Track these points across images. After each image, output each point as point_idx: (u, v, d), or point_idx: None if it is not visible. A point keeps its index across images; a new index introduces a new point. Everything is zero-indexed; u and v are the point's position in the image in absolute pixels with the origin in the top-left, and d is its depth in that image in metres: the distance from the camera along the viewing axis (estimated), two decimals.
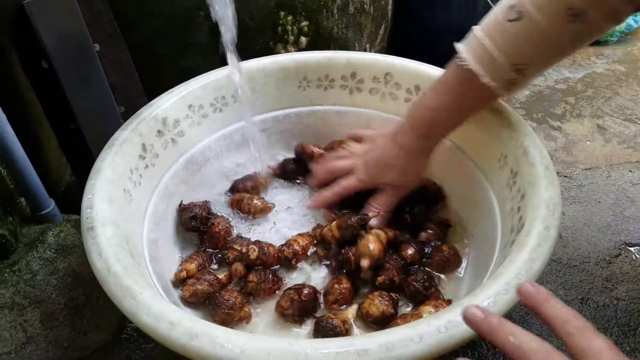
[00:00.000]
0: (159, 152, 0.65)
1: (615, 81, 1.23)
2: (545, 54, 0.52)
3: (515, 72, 0.52)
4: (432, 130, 0.60)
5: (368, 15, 0.97)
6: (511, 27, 0.50)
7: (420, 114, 0.60)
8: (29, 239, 0.72)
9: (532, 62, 0.52)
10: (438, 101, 0.58)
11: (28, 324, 0.64)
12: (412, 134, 0.61)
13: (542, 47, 0.51)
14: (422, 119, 0.60)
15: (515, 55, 0.51)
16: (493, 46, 0.51)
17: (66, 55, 0.69)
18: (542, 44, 0.51)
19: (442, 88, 0.58)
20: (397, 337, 0.40)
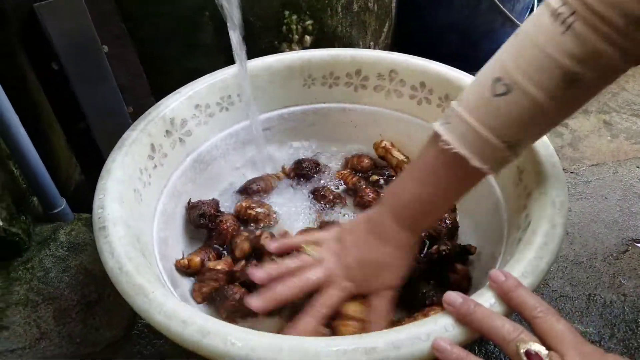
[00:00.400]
0: (167, 151, 0.65)
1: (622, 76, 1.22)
2: (541, 125, 0.47)
3: (508, 150, 0.47)
4: (420, 221, 0.54)
5: (372, 14, 0.97)
6: (499, 102, 0.45)
7: (404, 204, 0.53)
8: (41, 237, 0.74)
9: (526, 136, 0.47)
10: (422, 189, 0.52)
11: (41, 320, 0.65)
12: (398, 227, 0.53)
13: (537, 118, 0.46)
14: (407, 210, 0.53)
15: (507, 133, 0.46)
16: (480, 125, 0.46)
17: (76, 56, 0.70)
18: (538, 116, 0.45)
19: (425, 175, 0.51)
20: (405, 335, 0.41)
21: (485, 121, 0.46)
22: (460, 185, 0.51)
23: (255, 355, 0.39)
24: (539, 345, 0.38)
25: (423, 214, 0.53)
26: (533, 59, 0.43)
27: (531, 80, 0.44)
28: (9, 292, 0.68)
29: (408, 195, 0.52)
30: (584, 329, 0.64)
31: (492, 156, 0.47)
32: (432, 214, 0.54)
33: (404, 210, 0.53)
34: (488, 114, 0.46)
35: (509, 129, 0.46)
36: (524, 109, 0.45)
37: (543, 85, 0.43)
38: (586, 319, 0.66)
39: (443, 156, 0.48)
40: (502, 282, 0.43)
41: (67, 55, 0.69)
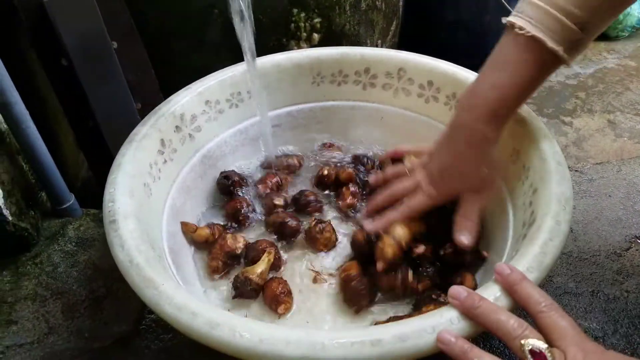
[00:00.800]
0: (177, 147, 0.66)
1: (626, 76, 1.23)
2: (611, 8, 0.49)
3: (581, 32, 0.48)
4: (500, 111, 0.53)
5: (380, 12, 0.97)
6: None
7: (482, 98, 0.53)
8: (50, 233, 0.74)
9: (595, 16, 0.48)
10: (501, 80, 0.52)
11: (50, 314, 0.66)
12: (477, 123, 0.54)
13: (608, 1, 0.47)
14: (485, 102, 0.53)
15: (578, 11, 0.47)
16: (553, 8, 0.48)
17: (85, 53, 0.70)
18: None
19: (501, 64, 0.53)
20: (411, 328, 0.41)
21: (557, 3, 0.48)
22: (536, 71, 0.51)
23: (263, 346, 0.40)
24: (543, 343, 0.38)
25: (504, 104, 0.53)
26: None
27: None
28: (18, 287, 0.68)
29: (484, 87, 0.53)
30: (588, 324, 0.65)
31: (566, 37, 0.48)
32: (511, 103, 0.54)
33: (484, 104, 0.53)
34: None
35: (581, 9, 0.47)
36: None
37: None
38: (590, 314, 0.66)
39: (518, 42, 0.50)
40: (507, 275, 0.43)
41: (77, 51, 0.70)
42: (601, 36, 1.36)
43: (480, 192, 0.58)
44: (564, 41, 0.49)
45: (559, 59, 0.50)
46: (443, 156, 0.58)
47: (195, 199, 0.70)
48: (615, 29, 1.36)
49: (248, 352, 0.40)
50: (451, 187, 0.58)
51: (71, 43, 0.69)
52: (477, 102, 0.54)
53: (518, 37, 0.50)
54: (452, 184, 0.58)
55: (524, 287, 0.42)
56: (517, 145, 0.61)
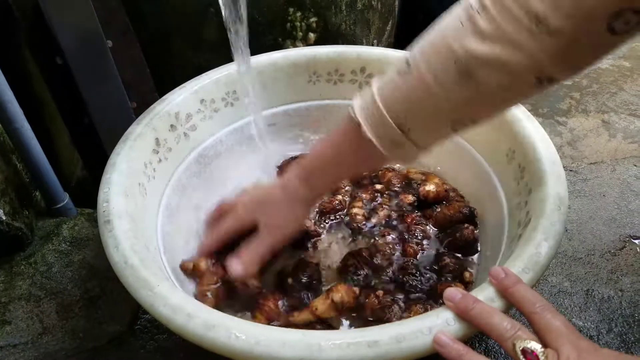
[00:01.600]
0: (172, 146, 0.66)
1: (620, 77, 1.23)
2: (431, 115, 0.46)
3: (401, 132, 0.47)
4: (318, 178, 0.56)
5: (375, 12, 0.97)
6: (398, 80, 0.46)
7: (309, 161, 0.56)
8: (44, 232, 0.74)
9: (417, 122, 0.46)
10: (325, 148, 0.55)
11: (44, 314, 0.66)
12: (296, 180, 0.56)
13: (424, 103, 0.45)
14: (309, 166, 0.56)
15: (397, 111, 0.46)
16: (379, 99, 0.47)
17: (80, 51, 0.70)
18: (427, 101, 0.45)
19: (333, 136, 0.54)
20: (407, 329, 0.41)
21: (384, 96, 0.47)
22: (357, 154, 0.52)
23: (259, 348, 0.40)
24: (536, 343, 0.39)
25: (321, 172, 0.55)
26: (434, 43, 0.44)
27: (427, 64, 0.44)
28: (12, 287, 0.68)
29: (313, 154, 0.56)
30: (583, 323, 0.65)
31: (384, 132, 0.47)
32: (328, 175, 0.56)
33: (307, 167, 0.56)
34: (388, 90, 0.47)
35: (400, 108, 0.46)
36: (416, 90, 0.45)
37: (436, 70, 0.43)
38: (584, 314, 0.66)
39: (349, 122, 0.50)
40: (502, 278, 0.44)
41: (72, 50, 0.69)
42: None
43: (274, 233, 0.59)
44: (382, 136, 0.48)
45: (377, 151, 0.48)
46: (264, 191, 0.61)
47: (190, 198, 0.70)
48: None
49: (244, 353, 0.40)
50: (259, 211, 0.59)
51: (66, 42, 0.69)
52: (301, 162, 0.57)
53: (349, 116, 0.50)
54: (260, 209, 0.59)
55: (518, 290, 0.43)
56: (513, 145, 0.61)
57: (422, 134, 0.48)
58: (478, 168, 0.68)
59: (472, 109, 0.46)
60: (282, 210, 0.58)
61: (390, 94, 0.47)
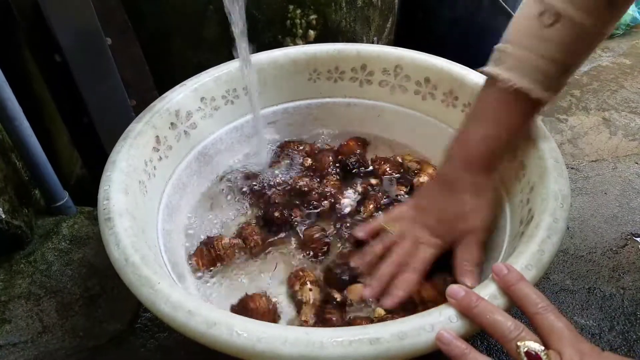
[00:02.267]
0: (172, 144, 0.66)
1: (620, 74, 1.23)
2: (590, 47, 0.50)
3: (564, 75, 0.51)
4: (492, 161, 0.55)
5: (376, 9, 0.97)
6: (551, 32, 0.48)
7: (471, 149, 0.55)
8: (43, 231, 0.74)
9: (579, 59, 0.51)
10: (489, 132, 0.54)
11: (44, 313, 0.66)
12: (471, 173, 0.55)
13: (587, 40, 0.49)
14: (477, 153, 0.55)
15: (564, 59, 0.49)
16: (538, 57, 0.49)
17: (79, 49, 0.69)
18: (588, 38, 0.49)
19: (488, 117, 0.54)
20: (409, 326, 0.41)
21: (541, 52, 0.49)
22: (522, 120, 0.54)
23: (261, 345, 0.40)
24: (539, 345, 0.38)
25: (492, 154, 0.55)
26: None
27: (575, 6, 0.47)
28: (12, 286, 0.68)
29: (474, 140, 0.55)
30: (584, 321, 0.65)
31: (552, 84, 0.50)
32: (501, 153, 0.56)
33: (473, 155, 0.55)
34: (542, 45, 0.49)
35: (564, 54, 0.49)
36: (575, 33, 0.48)
37: (589, 9, 0.47)
38: (586, 312, 0.66)
39: (503, 95, 0.51)
40: (504, 275, 0.44)
41: (71, 47, 0.69)
42: None
43: (479, 235, 0.57)
44: (551, 88, 0.50)
45: (544, 103, 0.52)
46: (438, 204, 0.57)
47: (190, 196, 0.70)
48: None
49: (245, 350, 0.40)
50: (454, 231, 0.57)
51: (65, 40, 0.68)
52: (467, 155, 0.55)
53: (502, 90, 0.51)
54: (454, 228, 0.56)
55: (521, 288, 0.42)
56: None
57: (579, 67, 0.52)
58: None
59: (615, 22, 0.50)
60: (478, 210, 0.56)
61: (549, 48, 0.49)
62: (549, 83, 0.50)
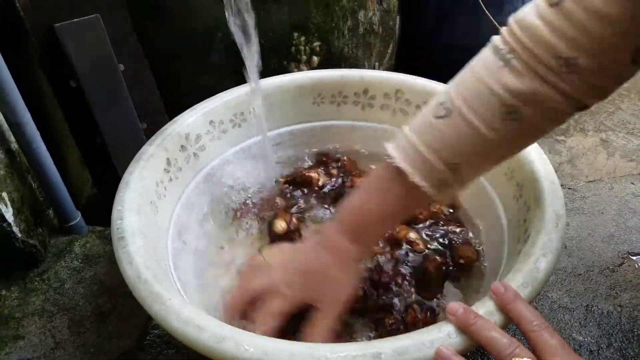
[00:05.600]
0: (182, 165, 0.68)
1: (617, 96, 1.25)
2: (478, 152, 0.47)
3: (449, 172, 0.48)
4: (366, 233, 0.53)
5: (377, 36, 1.00)
6: (440, 124, 0.47)
7: (351, 216, 0.53)
8: (57, 249, 0.76)
9: (463, 160, 0.47)
10: (367, 202, 0.53)
11: (57, 330, 0.67)
12: (345, 239, 0.53)
13: (478, 145, 0.46)
14: (353, 221, 0.53)
15: (445, 153, 0.47)
16: (421, 143, 0.47)
17: (93, 75, 0.72)
18: (478, 143, 0.46)
19: (371, 188, 0.53)
20: (410, 342, 0.42)
21: (427, 141, 0.47)
22: (403, 201, 0.51)
23: (267, 359, 0.41)
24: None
25: (368, 226, 0.53)
26: (473, 87, 0.45)
27: (470, 107, 0.45)
28: (26, 303, 0.70)
29: (354, 207, 0.54)
30: (583, 338, 0.66)
31: (431, 175, 0.48)
32: (377, 227, 0.54)
33: (351, 222, 0.53)
34: (429, 135, 0.47)
35: (448, 151, 0.47)
36: (462, 133, 0.46)
37: (481, 113, 0.45)
38: (584, 329, 0.68)
39: (388, 171, 0.50)
40: (502, 293, 0.45)
41: (85, 73, 0.72)
42: None
43: (335, 307, 0.54)
44: (430, 178, 0.48)
45: (426, 194, 0.49)
46: (309, 260, 0.55)
47: (198, 215, 0.72)
48: None
49: None
50: (314, 292, 0.53)
51: (80, 65, 0.71)
52: (343, 220, 0.54)
53: (389, 165, 0.50)
54: (316, 290, 0.54)
55: (517, 306, 0.44)
56: (511, 165, 0.63)
57: (470, 173, 0.49)
58: (478, 186, 0.69)
59: (521, 142, 0.49)
60: (338, 278, 0.54)
61: (433, 139, 0.47)
62: (430, 174, 0.48)
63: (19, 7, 0.66)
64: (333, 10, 0.89)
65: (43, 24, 0.69)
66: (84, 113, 0.75)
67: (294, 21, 0.86)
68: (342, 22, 0.91)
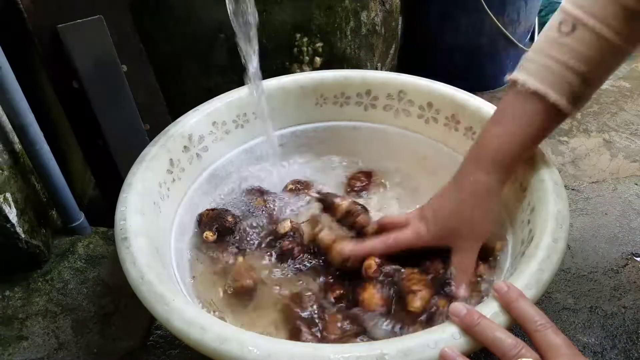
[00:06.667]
0: (185, 166, 0.68)
1: (620, 97, 1.25)
2: (606, 59, 0.50)
3: (582, 83, 0.50)
4: (504, 162, 0.55)
5: (379, 36, 1.00)
6: (567, 39, 0.50)
7: (486, 148, 0.55)
8: (60, 250, 0.76)
9: (598, 71, 0.51)
10: (504, 130, 0.54)
11: (60, 330, 0.67)
12: (481, 171, 0.55)
13: (601, 52, 0.49)
14: (489, 151, 0.55)
15: (577, 67, 0.50)
16: (554, 62, 0.50)
17: (96, 76, 0.72)
18: (605, 51, 0.49)
19: (506, 117, 0.54)
20: (414, 343, 0.42)
21: (558, 58, 0.50)
22: (539, 124, 0.53)
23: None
24: None
25: (507, 154, 0.54)
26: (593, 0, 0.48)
27: (594, 17, 0.48)
28: (29, 303, 0.70)
29: (490, 137, 0.55)
30: (587, 340, 0.66)
31: (567, 91, 0.50)
32: (515, 154, 0.55)
33: (487, 154, 0.55)
34: (559, 51, 0.50)
35: (580, 63, 0.49)
36: (592, 44, 0.49)
37: (605, 19, 0.48)
38: (588, 330, 0.67)
39: (521, 97, 0.52)
40: (505, 292, 0.45)
41: (88, 75, 0.72)
42: None
43: (474, 244, 0.57)
44: (566, 93, 0.51)
45: (562, 112, 0.52)
46: (443, 202, 0.58)
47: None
48: None
49: None
50: (449, 231, 0.56)
51: (83, 67, 0.71)
52: (481, 154, 0.55)
53: (520, 92, 0.52)
54: (451, 228, 0.56)
55: (521, 305, 0.44)
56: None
57: (598, 82, 0.52)
58: None
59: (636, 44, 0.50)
60: (480, 218, 0.56)
61: (565, 56, 0.50)
62: (567, 90, 0.50)
63: (22, 8, 0.66)
64: (335, 11, 0.89)
65: (46, 25, 0.69)
66: (87, 114, 0.75)
67: (296, 22, 0.87)
68: (345, 23, 0.91)
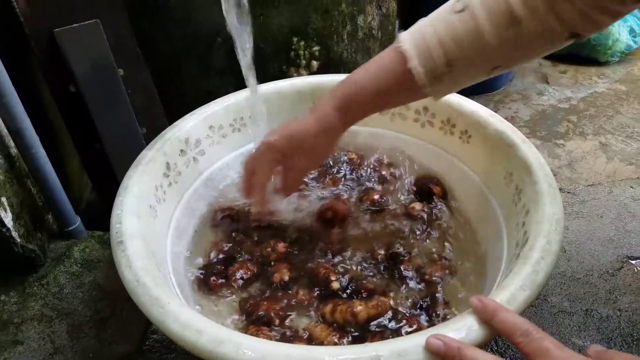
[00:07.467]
0: (181, 170, 0.68)
1: (616, 100, 1.26)
2: (476, 53, 0.50)
3: (444, 65, 0.51)
4: (350, 105, 0.57)
5: (376, 40, 1.00)
6: (453, 18, 0.50)
7: (344, 87, 0.57)
8: (56, 254, 0.76)
9: (461, 59, 0.51)
10: (363, 77, 0.56)
11: (56, 335, 0.67)
12: (330, 105, 0.57)
13: (476, 43, 0.49)
14: (343, 91, 0.57)
15: (449, 47, 0.50)
16: (432, 33, 0.51)
17: (93, 80, 0.73)
18: (477, 41, 0.49)
19: (372, 66, 0.56)
20: (410, 344, 0.42)
21: (437, 30, 0.50)
22: (395, 84, 0.54)
23: None
24: None
25: (356, 100, 0.56)
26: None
27: (483, 8, 0.48)
28: (25, 308, 0.70)
29: (351, 79, 0.57)
30: (582, 342, 0.66)
31: (429, 64, 0.51)
32: (362, 103, 0.57)
33: (342, 91, 0.57)
34: (441, 25, 0.50)
35: (453, 45, 0.50)
36: (470, 31, 0.49)
37: (490, 13, 0.48)
38: (584, 333, 0.68)
39: (392, 53, 0.53)
40: (481, 308, 0.43)
41: (85, 78, 0.72)
42: (591, 61, 1.41)
43: (307, 164, 0.62)
44: (428, 68, 0.51)
45: (417, 84, 0.52)
46: (297, 121, 0.60)
47: (197, 219, 0.72)
48: (605, 54, 1.40)
49: None
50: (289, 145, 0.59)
51: (80, 70, 0.72)
52: (337, 91, 0.57)
53: (394, 49, 0.53)
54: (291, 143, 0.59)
55: (501, 318, 0.42)
56: (510, 168, 0.63)
57: (462, 76, 0.53)
58: (477, 190, 0.70)
59: (515, 55, 0.51)
60: (313, 144, 0.59)
61: (444, 31, 0.50)
62: (429, 64, 0.51)
63: (19, 12, 0.67)
64: (332, 15, 0.89)
65: (43, 29, 0.69)
66: (84, 118, 0.75)
67: (293, 26, 0.87)
68: (342, 27, 0.91)
